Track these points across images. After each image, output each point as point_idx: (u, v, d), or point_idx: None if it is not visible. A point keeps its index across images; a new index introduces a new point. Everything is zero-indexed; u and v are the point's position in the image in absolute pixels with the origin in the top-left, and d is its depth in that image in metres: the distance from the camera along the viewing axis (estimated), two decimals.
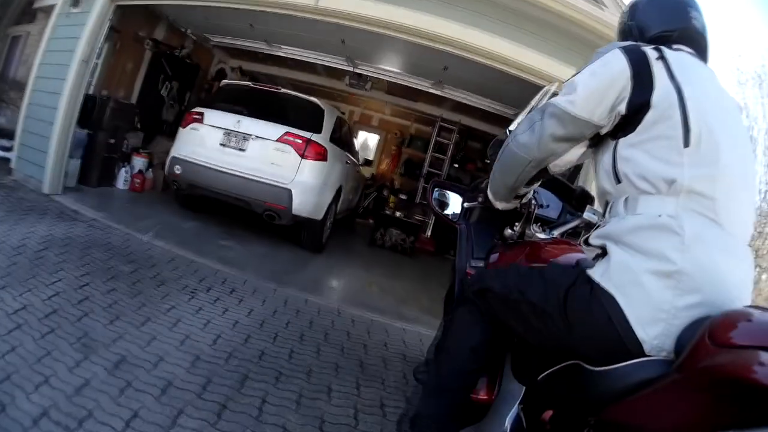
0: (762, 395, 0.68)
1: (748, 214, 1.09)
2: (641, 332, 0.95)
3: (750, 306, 0.88)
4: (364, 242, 7.16)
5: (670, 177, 1.02)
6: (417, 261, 6.91)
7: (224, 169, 4.64)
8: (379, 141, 11.28)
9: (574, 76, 1.18)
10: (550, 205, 1.83)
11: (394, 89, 8.47)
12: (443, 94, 6.92)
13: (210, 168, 4.68)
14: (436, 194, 2.13)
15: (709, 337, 0.80)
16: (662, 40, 1.22)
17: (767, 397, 0.67)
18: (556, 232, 1.64)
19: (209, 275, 3.65)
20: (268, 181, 4.55)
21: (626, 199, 1.09)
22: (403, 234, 7.01)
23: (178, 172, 4.83)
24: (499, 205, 1.51)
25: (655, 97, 1.06)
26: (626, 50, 1.13)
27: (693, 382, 0.82)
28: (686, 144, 1.02)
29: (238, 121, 4.76)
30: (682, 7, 1.27)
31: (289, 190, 4.51)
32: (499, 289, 1.26)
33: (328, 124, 5.10)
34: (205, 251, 4.21)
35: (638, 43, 1.18)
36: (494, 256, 1.72)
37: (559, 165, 1.28)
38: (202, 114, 5.00)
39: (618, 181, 1.12)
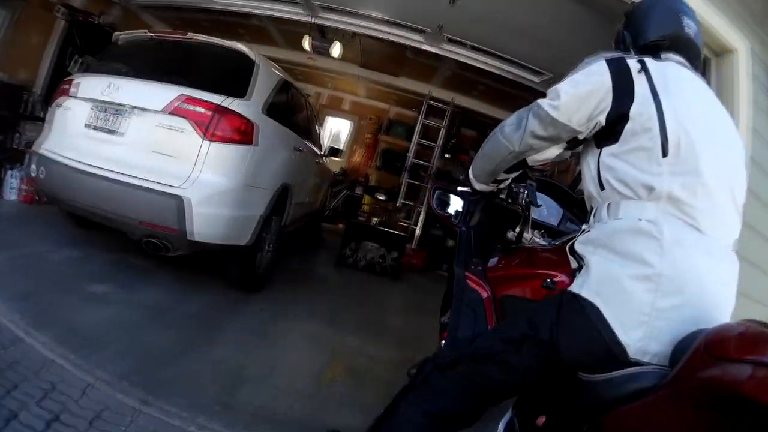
0: (755, 409, 0.68)
1: (732, 220, 1.12)
2: (624, 336, 0.97)
3: (747, 319, 0.83)
4: (329, 261, 5.27)
5: (650, 185, 1.06)
6: (404, 286, 5.10)
7: (85, 167, 2.70)
8: (352, 128, 9.41)
9: (560, 83, 1.20)
10: (550, 210, 1.88)
11: (370, 61, 6.63)
12: (440, 52, 4.99)
13: (69, 167, 2.76)
14: (436, 197, 2.03)
15: (705, 349, 0.80)
16: (654, 48, 1.25)
17: (760, 411, 0.67)
18: (557, 242, 1.61)
19: (31, 375, 1.84)
20: (144, 184, 2.57)
21: (609, 205, 1.14)
22: (383, 248, 5.14)
23: (36, 175, 2.93)
24: (477, 186, 1.55)
25: (633, 110, 1.10)
26: (610, 63, 1.16)
27: (687, 394, 0.82)
28: (664, 154, 1.06)
29: (110, 86, 2.82)
30: (675, 14, 1.28)
31: (181, 199, 2.53)
32: (473, 350, 1.20)
33: (262, 86, 3.15)
34: (54, 312, 2.36)
35: (624, 55, 1.21)
36: (493, 260, 1.71)
37: (537, 159, 1.30)
38: (72, 83, 3.08)
39: (602, 187, 1.16)
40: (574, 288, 1.07)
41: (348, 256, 5.12)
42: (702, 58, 1.31)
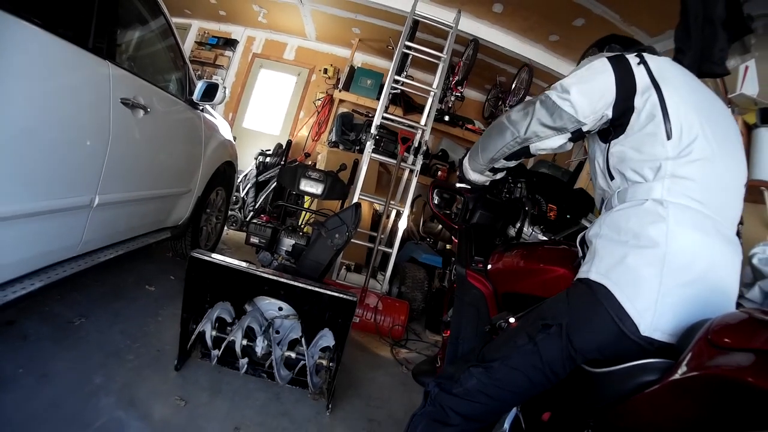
0: (761, 398, 0.65)
1: (736, 203, 1.13)
2: (635, 314, 0.97)
3: (751, 308, 0.83)
4: (171, 349, 2.13)
5: (655, 166, 1.08)
6: None
7: None
8: (296, 85, 6.31)
9: (564, 79, 1.22)
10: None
11: None
12: None
13: None
14: (436, 196, 1.98)
15: (709, 339, 0.78)
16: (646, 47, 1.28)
17: (765, 398, 0.65)
18: (557, 236, 1.63)
19: None
20: None
21: (618, 193, 1.16)
22: (297, 321, 2.04)
23: None
24: (472, 176, 1.52)
25: (638, 100, 1.13)
26: (611, 59, 1.19)
27: (693, 384, 0.79)
28: (669, 137, 1.08)
29: None
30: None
31: None
32: (485, 358, 1.18)
33: None
34: None
35: (622, 53, 1.22)
36: (494, 257, 1.68)
37: (541, 148, 1.29)
38: None
39: (611, 177, 1.19)
40: (582, 274, 1.09)
41: (213, 340, 1.99)
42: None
